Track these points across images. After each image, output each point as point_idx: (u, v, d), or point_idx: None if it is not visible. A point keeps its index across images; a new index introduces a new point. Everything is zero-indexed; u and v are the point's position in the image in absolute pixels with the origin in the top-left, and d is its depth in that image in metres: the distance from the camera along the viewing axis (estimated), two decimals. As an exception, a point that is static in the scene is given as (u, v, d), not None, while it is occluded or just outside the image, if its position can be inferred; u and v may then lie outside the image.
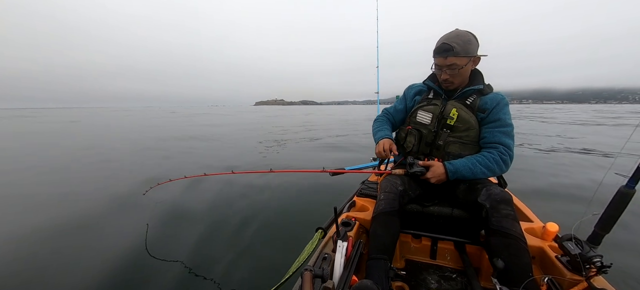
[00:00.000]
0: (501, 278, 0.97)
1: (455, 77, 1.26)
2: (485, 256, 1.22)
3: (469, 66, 1.25)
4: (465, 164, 1.21)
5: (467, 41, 1.21)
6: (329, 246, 1.13)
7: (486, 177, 1.23)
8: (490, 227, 1.05)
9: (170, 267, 1.71)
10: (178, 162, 5.01)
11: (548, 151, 6.13)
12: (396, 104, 1.57)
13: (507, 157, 1.20)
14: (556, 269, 1.06)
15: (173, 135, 9.07)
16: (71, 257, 1.83)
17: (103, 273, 1.65)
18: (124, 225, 2.29)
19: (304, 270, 0.79)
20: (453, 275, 1.26)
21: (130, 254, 1.84)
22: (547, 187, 3.42)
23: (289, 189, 3.21)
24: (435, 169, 1.23)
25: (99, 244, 2.01)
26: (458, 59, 1.21)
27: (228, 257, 1.83)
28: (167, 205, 2.65)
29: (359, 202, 1.55)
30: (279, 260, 1.78)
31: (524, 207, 1.54)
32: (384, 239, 1.10)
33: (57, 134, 10.10)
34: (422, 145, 1.35)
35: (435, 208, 1.30)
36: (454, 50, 1.19)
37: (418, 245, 1.37)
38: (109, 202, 2.81)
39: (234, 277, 1.62)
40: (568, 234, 1.06)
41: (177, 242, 2.01)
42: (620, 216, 0.99)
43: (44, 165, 4.64)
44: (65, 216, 2.47)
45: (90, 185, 3.50)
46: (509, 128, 1.23)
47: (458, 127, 1.26)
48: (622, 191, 0.96)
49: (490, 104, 1.25)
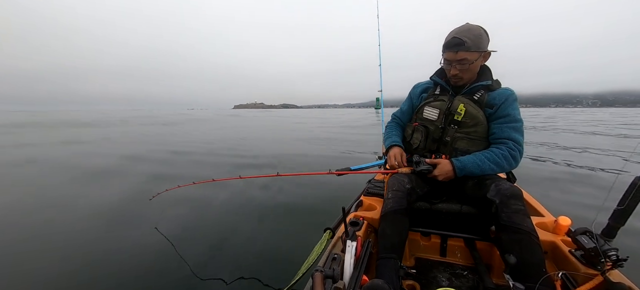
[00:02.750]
0: (514, 274, 0.95)
1: (465, 73, 1.24)
2: (496, 252, 1.20)
3: (479, 61, 1.23)
4: (473, 161, 1.19)
5: (479, 35, 1.18)
6: (338, 246, 1.13)
7: (495, 173, 1.22)
8: (501, 223, 1.04)
9: (177, 272, 1.73)
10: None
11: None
12: (402, 106, 1.56)
13: (517, 153, 1.18)
14: (570, 263, 1.04)
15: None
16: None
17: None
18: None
19: (315, 271, 0.79)
20: (464, 272, 1.24)
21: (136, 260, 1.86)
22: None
23: (294, 191, 3.22)
24: (443, 166, 1.22)
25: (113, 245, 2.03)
26: (469, 54, 1.18)
27: (236, 261, 1.83)
28: (171, 212, 2.68)
29: (366, 201, 1.54)
30: (287, 262, 1.79)
31: (534, 201, 1.52)
32: (393, 237, 1.10)
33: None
34: (429, 141, 1.34)
35: (444, 205, 1.28)
36: (465, 45, 1.16)
37: (427, 243, 1.36)
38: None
39: (243, 283, 1.63)
40: (582, 228, 1.04)
41: (183, 246, 2.02)
42: (635, 208, 0.97)
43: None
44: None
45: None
46: (519, 123, 1.22)
47: (466, 122, 1.25)
48: (636, 182, 0.94)
49: (498, 100, 1.23)
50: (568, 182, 3.66)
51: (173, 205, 2.77)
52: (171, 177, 3.98)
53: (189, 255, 1.89)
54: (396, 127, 1.54)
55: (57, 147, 7.33)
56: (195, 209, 2.74)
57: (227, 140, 8.63)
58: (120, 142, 8.34)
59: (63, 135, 10.48)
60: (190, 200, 2.93)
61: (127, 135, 10.41)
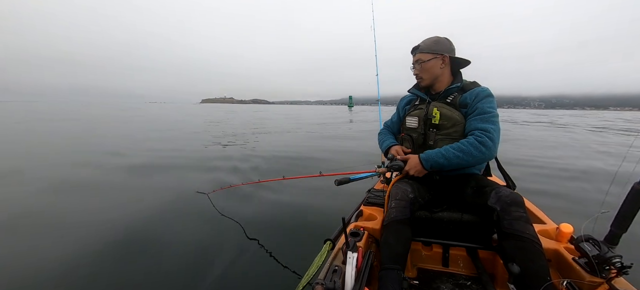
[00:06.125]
0: (518, 283, 0.94)
1: (422, 72, 1.40)
2: (499, 261, 1.19)
3: (434, 63, 1.36)
4: (438, 152, 1.25)
5: (434, 41, 1.38)
6: (339, 258, 1.11)
7: (464, 162, 1.21)
8: (503, 231, 1.03)
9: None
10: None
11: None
12: (392, 117, 1.69)
13: (485, 139, 1.18)
14: (574, 271, 1.03)
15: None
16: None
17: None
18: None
19: (315, 284, 0.77)
20: (467, 282, 1.22)
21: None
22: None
23: (289, 200, 3.18)
24: (411, 160, 1.30)
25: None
26: (422, 55, 1.38)
27: (231, 274, 1.79)
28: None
29: (366, 211, 1.53)
30: (287, 274, 1.75)
31: (535, 208, 1.51)
32: (397, 247, 1.08)
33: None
34: (415, 148, 1.42)
35: (445, 213, 1.27)
36: (419, 48, 1.39)
37: (429, 253, 1.34)
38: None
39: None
40: (585, 235, 1.03)
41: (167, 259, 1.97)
42: (636, 213, 0.97)
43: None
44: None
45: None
46: (488, 115, 1.24)
47: (444, 124, 1.32)
48: (636, 188, 0.94)
49: (469, 98, 1.32)
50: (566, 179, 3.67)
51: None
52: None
53: (191, 268, 1.84)
54: (388, 133, 1.67)
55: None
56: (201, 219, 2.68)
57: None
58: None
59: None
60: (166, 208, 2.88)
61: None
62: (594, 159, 5.71)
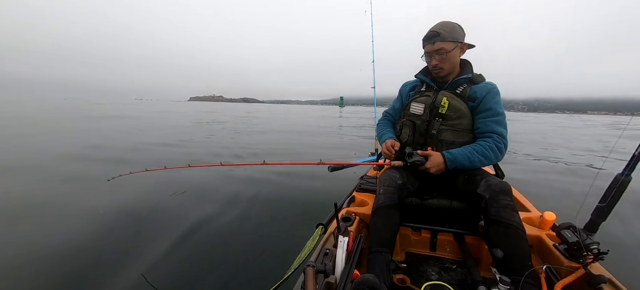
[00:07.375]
0: (500, 267, 0.98)
1: (444, 62, 1.30)
2: (484, 246, 1.23)
3: (456, 52, 1.29)
4: (463, 153, 1.23)
5: (452, 28, 1.27)
6: (330, 242, 1.13)
7: (484, 165, 1.26)
8: (489, 217, 1.06)
9: (164, 270, 1.71)
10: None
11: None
12: (394, 103, 1.62)
13: (502, 145, 1.23)
14: (554, 257, 1.08)
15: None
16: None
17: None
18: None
19: (306, 266, 0.79)
20: (453, 266, 1.27)
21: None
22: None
23: (284, 183, 3.21)
24: (434, 158, 1.24)
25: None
26: (445, 44, 1.26)
27: (225, 257, 1.82)
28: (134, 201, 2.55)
29: (358, 197, 1.55)
30: (279, 258, 1.79)
31: (521, 197, 1.56)
32: (384, 232, 1.11)
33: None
34: (417, 135, 1.38)
35: (434, 201, 1.31)
36: (440, 36, 1.26)
37: (418, 238, 1.38)
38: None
39: (235, 279, 1.62)
40: (566, 223, 1.07)
41: (163, 242, 1.99)
42: (616, 203, 1.01)
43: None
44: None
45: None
46: (501, 117, 1.26)
47: (450, 115, 1.29)
48: (618, 179, 0.98)
49: (480, 93, 1.28)
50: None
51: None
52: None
53: (170, 253, 1.86)
54: (388, 124, 1.60)
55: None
56: (159, 200, 2.69)
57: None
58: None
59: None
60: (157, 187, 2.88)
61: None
62: (581, 153, 5.84)
